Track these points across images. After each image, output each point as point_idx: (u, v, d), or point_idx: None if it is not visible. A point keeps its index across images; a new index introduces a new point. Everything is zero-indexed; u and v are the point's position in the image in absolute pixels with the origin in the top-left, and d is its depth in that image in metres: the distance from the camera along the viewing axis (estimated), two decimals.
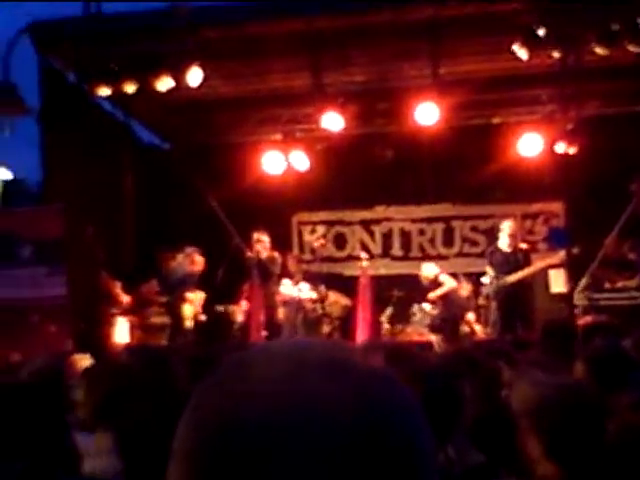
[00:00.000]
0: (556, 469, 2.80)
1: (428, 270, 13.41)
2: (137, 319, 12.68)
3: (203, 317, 12.86)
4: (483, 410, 4.10)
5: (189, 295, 12.66)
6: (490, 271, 12.23)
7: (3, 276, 11.32)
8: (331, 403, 0.79)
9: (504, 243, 12.21)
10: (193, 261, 12.90)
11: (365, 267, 13.75)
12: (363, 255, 14.21)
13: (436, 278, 13.31)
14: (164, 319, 12.87)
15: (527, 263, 12.12)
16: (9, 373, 4.87)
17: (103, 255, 12.50)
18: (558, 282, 13.14)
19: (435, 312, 13.18)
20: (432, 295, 13.18)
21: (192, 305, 12.66)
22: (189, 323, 12.66)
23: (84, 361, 8.93)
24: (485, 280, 12.37)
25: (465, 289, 13.46)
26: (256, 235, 12.97)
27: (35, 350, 9.02)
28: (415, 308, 13.58)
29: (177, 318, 12.70)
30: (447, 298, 13.14)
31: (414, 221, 15.73)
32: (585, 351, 4.62)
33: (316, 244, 15.02)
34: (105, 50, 11.29)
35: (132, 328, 12.48)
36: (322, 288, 13.69)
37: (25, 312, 11.03)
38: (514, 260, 12.03)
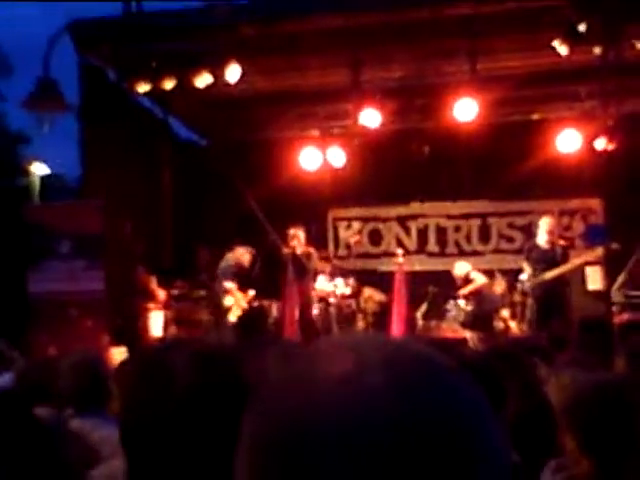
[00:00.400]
0: (591, 465, 2.79)
1: (460, 268, 13.40)
2: (173, 313, 12.75)
3: (239, 311, 12.86)
4: (523, 407, 4.09)
5: (228, 286, 12.66)
6: (527, 267, 12.17)
7: (42, 270, 11.42)
8: (391, 402, 0.80)
9: (542, 239, 12.13)
10: (241, 259, 12.92)
11: (400, 263, 13.73)
12: (399, 251, 14.18)
13: (467, 275, 13.29)
14: (200, 314, 12.93)
15: (565, 260, 12.04)
16: (46, 367, 4.91)
17: (140, 250, 12.58)
18: (595, 279, 13.07)
19: (469, 308, 13.17)
20: (462, 291, 13.17)
21: (233, 297, 12.65)
22: (227, 317, 12.69)
23: (120, 355, 9.03)
24: (522, 276, 12.30)
25: (500, 285, 13.41)
26: (292, 231, 12.99)
27: (73, 343, 9.11)
28: (450, 304, 13.54)
29: (217, 311, 12.76)
30: (478, 294, 13.12)
31: (450, 217, 15.69)
32: (624, 347, 4.57)
33: (352, 240, 15.04)
34: (145, 48, 11.37)
35: (168, 322, 12.54)
36: (351, 281, 13.68)
37: (63, 306, 11.12)
38: (552, 257, 11.95)
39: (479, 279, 13.20)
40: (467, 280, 13.24)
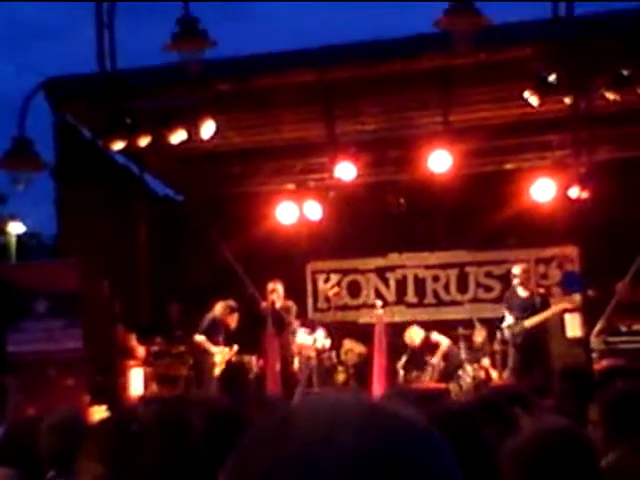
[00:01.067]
0: None
1: (416, 334, 13.37)
2: (153, 370, 12.65)
3: (221, 367, 12.77)
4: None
5: (211, 347, 12.63)
6: (508, 315, 12.18)
7: (19, 330, 11.35)
8: (365, 470, 0.79)
9: (519, 288, 12.17)
10: (227, 315, 12.88)
11: (380, 315, 13.71)
12: (378, 303, 14.17)
13: (428, 339, 13.28)
14: (180, 370, 12.84)
15: (545, 307, 12.06)
16: (27, 428, 4.86)
17: (118, 307, 12.52)
18: (574, 326, 13.07)
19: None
20: (434, 359, 13.13)
21: (214, 356, 12.61)
22: (208, 374, 12.61)
23: (101, 413, 8.95)
24: (503, 325, 12.30)
25: (480, 335, 13.40)
26: (271, 285, 12.98)
27: (53, 403, 9.02)
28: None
29: (197, 367, 12.70)
30: (445, 355, 13.15)
31: (428, 267, 15.66)
32: (600, 395, 4.53)
33: (330, 293, 14.99)
34: (119, 105, 11.39)
35: (147, 379, 12.45)
36: (322, 333, 13.59)
37: (42, 366, 11.04)
38: (531, 305, 11.98)
39: (443, 342, 13.22)
40: (429, 343, 13.24)
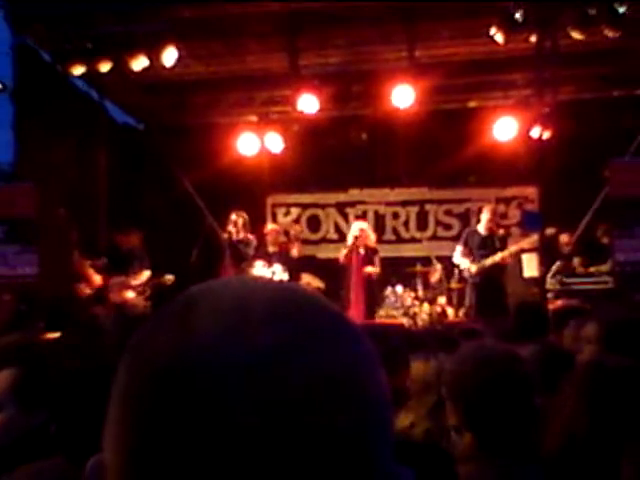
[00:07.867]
0: (472, 439, 2.71)
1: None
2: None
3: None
4: None
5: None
6: (461, 250, 12.20)
7: None
8: (275, 355, 0.74)
9: (482, 226, 12.17)
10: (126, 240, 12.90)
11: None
12: (335, 237, 14.13)
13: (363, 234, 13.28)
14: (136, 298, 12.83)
15: (504, 247, 12.10)
16: None
17: (75, 235, 12.43)
18: (531, 266, 13.17)
19: (410, 295, 13.22)
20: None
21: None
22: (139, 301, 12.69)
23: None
24: (461, 263, 12.25)
25: (437, 273, 13.46)
26: (234, 216, 12.91)
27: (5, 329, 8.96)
28: (388, 291, 13.53)
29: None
30: None
31: (388, 204, 15.72)
32: (597, 313, 4.51)
33: (292, 231, 14.95)
34: (80, 29, 11.20)
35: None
36: (280, 267, 13.50)
37: None
38: (491, 244, 12.00)
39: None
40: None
